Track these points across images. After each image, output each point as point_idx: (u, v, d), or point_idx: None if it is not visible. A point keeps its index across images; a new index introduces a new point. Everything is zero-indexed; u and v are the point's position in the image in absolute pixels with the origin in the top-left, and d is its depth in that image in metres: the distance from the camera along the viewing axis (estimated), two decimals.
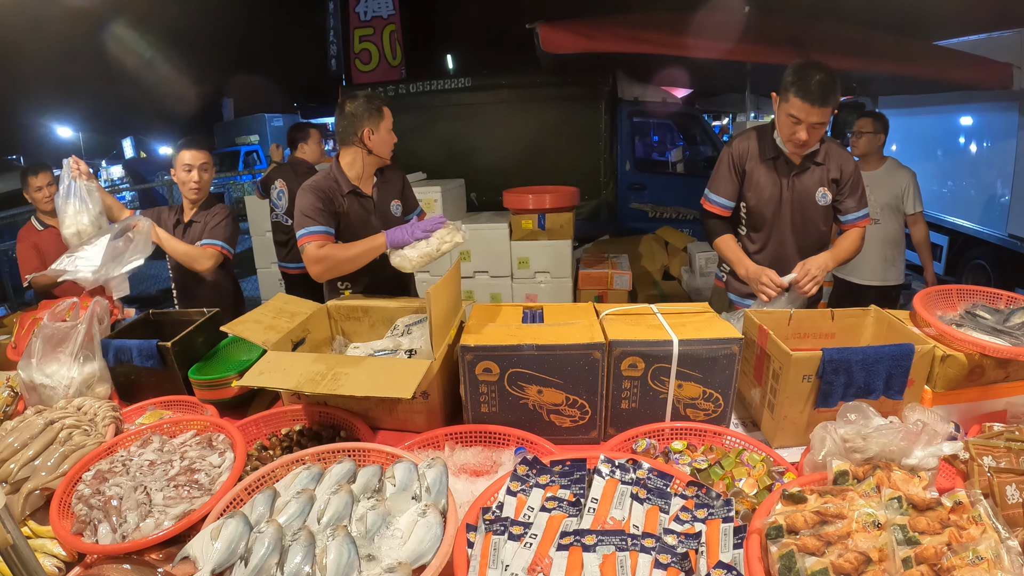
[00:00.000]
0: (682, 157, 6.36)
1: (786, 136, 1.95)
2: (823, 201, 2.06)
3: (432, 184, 4.51)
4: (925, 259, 3.54)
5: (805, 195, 2.06)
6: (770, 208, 2.09)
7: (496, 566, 0.97)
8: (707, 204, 2.19)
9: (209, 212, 2.65)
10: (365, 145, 2.07)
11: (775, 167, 2.07)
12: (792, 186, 2.06)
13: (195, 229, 2.62)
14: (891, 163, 3.48)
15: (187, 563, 1.01)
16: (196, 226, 2.63)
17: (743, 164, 2.11)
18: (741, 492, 1.19)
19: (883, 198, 3.42)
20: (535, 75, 5.06)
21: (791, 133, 1.91)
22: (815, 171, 2.04)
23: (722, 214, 2.17)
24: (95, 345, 1.85)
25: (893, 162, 3.49)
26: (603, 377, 1.45)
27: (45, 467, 1.33)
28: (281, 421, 1.63)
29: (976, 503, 0.98)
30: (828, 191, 2.05)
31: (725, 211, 2.16)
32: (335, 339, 1.93)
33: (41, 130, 20.16)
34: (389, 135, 2.11)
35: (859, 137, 3.49)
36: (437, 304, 1.43)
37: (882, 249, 3.49)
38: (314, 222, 1.99)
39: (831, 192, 2.05)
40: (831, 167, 2.04)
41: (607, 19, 3.94)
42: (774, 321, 1.66)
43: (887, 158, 3.51)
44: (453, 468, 1.34)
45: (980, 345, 1.38)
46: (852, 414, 1.18)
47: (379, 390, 1.35)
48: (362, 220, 2.12)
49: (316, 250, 1.95)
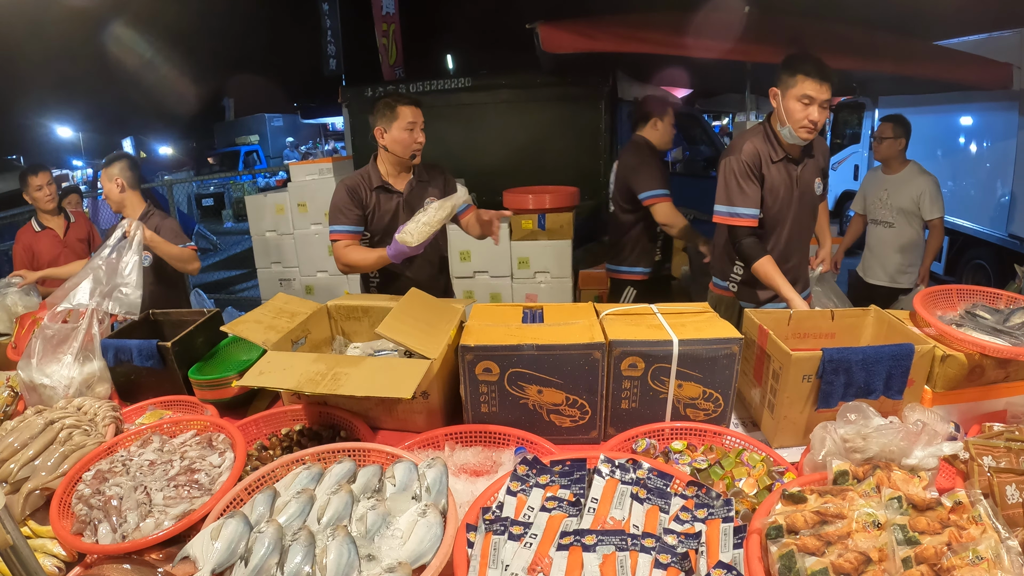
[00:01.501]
0: (682, 157, 6.35)
1: (799, 122, 1.93)
2: (819, 191, 2.09)
3: None
4: (926, 257, 3.54)
5: (807, 189, 2.08)
6: (784, 208, 2.10)
7: (496, 566, 0.97)
8: (735, 219, 2.07)
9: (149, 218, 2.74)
10: (380, 143, 2.19)
11: (785, 167, 2.08)
12: (797, 183, 2.07)
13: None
14: (912, 168, 3.45)
15: (187, 563, 1.01)
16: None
17: (759, 170, 2.06)
18: (741, 492, 1.19)
19: (900, 202, 3.41)
20: (535, 75, 5.06)
21: (805, 116, 1.91)
22: (810, 163, 2.06)
23: (753, 225, 2.07)
24: (95, 345, 1.85)
25: (915, 167, 3.46)
26: (603, 377, 1.45)
27: (45, 467, 1.33)
28: (281, 421, 1.63)
29: (976, 503, 0.98)
30: (821, 181, 2.08)
31: (755, 221, 2.07)
32: (335, 339, 1.93)
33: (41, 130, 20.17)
34: (404, 133, 2.15)
35: (880, 142, 3.47)
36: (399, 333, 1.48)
37: (895, 255, 3.48)
38: (341, 221, 2.16)
39: (823, 181, 2.09)
40: (819, 157, 2.06)
41: (607, 19, 3.94)
42: (774, 321, 1.66)
43: (909, 162, 3.48)
44: (453, 468, 1.34)
45: (980, 345, 1.38)
46: (852, 414, 1.18)
47: (379, 390, 1.35)
48: (390, 214, 2.23)
49: (340, 249, 2.16)
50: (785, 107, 1.97)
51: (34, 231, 3.49)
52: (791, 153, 2.06)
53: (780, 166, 2.07)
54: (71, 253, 3.55)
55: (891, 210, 3.46)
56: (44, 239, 3.48)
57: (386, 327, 1.47)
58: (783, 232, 2.13)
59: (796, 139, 2.00)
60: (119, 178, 2.74)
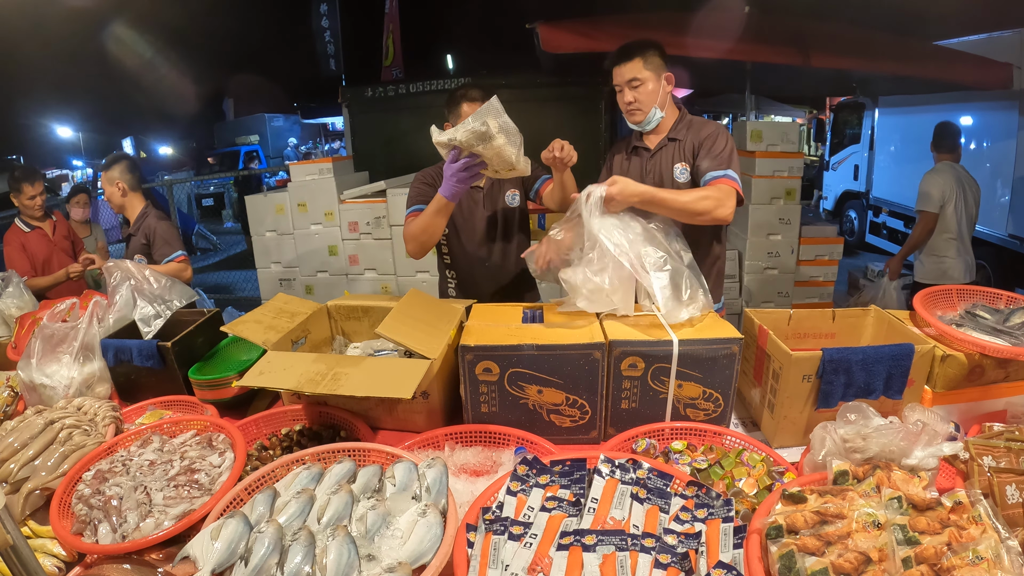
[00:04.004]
0: None
1: (623, 110, 1.96)
2: (683, 177, 1.94)
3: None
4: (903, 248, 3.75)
5: (663, 175, 1.97)
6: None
7: (496, 566, 0.97)
8: None
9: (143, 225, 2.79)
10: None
11: (638, 158, 2.05)
12: (649, 170, 2.00)
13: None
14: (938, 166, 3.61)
15: (187, 563, 1.01)
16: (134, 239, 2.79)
17: (610, 166, 2.13)
18: (741, 492, 1.19)
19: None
20: (535, 75, 5.06)
21: (623, 101, 1.93)
22: (670, 147, 1.97)
23: None
24: (95, 345, 1.85)
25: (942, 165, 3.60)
26: (603, 377, 1.45)
27: (45, 467, 1.33)
28: (281, 421, 1.63)
29: (976, 503, 0.98)
30: (687, 165, 1.94)
31: None
32: (335, 339, 1.93)
33: (41, 130, 20.15)
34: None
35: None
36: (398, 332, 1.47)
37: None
38: (411, 204, 2.07)
39: (690, 165, 1.94)
40: (687, 141, 1.95)
41: (607, 19, 3.94)
42: (774, 321, 1.66)
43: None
44: (453, 468, 1.34)
45: (980, 345, 1.38)
46: (852, 414, 1.18)
47: (379, 390, 1.35)
48: (469, 203, 2.15)
49: (405, 228, 2.03)
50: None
51: (23, 231, 3.49)
52: (646, 143, 2.02)
53: (633, 158, 2.06)
54: (61, 251, 3.58)
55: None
56: (35, 238, 3.49)
57: (386, 327, 1.47)
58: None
59: (635, 126, 2.00)
60: (120, 181, 2.74)
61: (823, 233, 4.40)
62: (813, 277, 4.40)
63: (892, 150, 7.16)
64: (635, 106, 1.92)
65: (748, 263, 4.29)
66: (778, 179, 4.15)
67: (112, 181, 2.74)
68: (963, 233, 3.55)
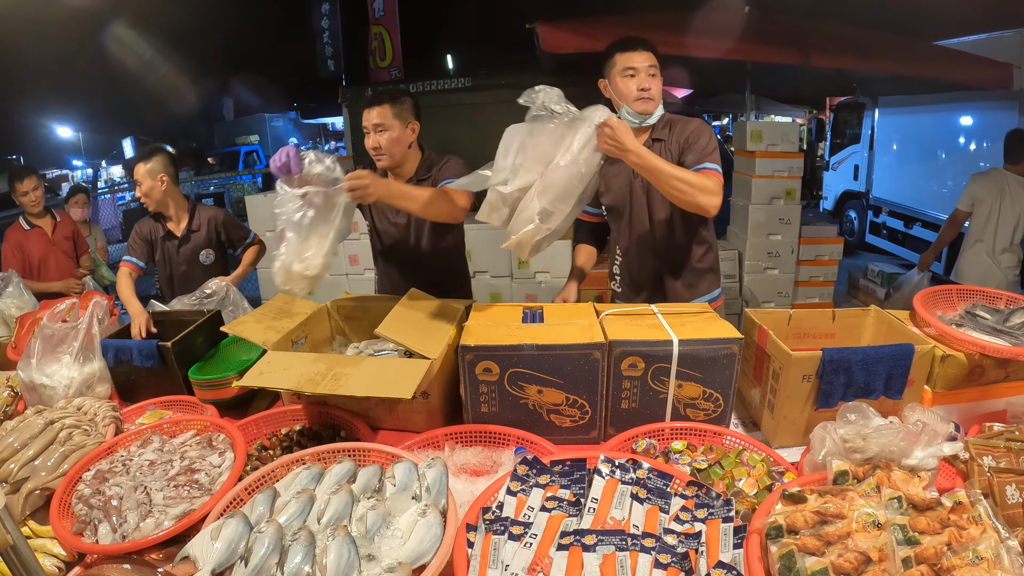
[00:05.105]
0: None
1: (632, 94, 1.84)
2: None
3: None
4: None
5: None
6: (621, 199, 2.02)
7: (496, 566, 0.97)
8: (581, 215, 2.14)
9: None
10: None
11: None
12: (636, 172, 1.91)
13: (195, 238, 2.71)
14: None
15: (187, 563, 1.01)
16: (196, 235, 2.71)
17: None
18: (741, 492, 1.19)
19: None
20: (535, 75, 5.07)
21: (635, 85, 1.83)
22: (655, 148, 1.91)
23: (590, 220, 2.21)
24: (95, 345, 1.85)
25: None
26: (603, 377, 1.45)
27: (45, 467, 1.33)
28: (281, 421, 1.63)
29: (976, 503, 0.98)
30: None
31: (592, 218, 2.20)
32: (335, 339, 1.93)
33: (41, 130, 20.16)
34: None
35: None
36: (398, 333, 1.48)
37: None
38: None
39: (687, 161, 1.89)
40: (672, 141, 1.91)
41: (607, 19, 3.95)
42: (774, 321, 1.66)
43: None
44: (453, 468, 1.34)
45: (980, 345, 1.38)
46: (852, 414, 1.18)
47: (379, 390, 1.35)
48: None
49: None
50: (616, 91, 1.89)
51: (23, 229, 3.50)
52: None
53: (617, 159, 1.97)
54: (59, 251, 3.58)
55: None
56: (33, 237, 3.49)
57: (386, 327, 1.47)
58: (627, 223, 2.05)
59: (636, 118, 1.88)
60: (163, 174, 2.47)
61: (823, 233, 4.41)
62: (813, 277, 4.41)
63: (892, 150, 7.16)
64: (650, 94, 1.85)
65: (748, 263, 4.30)
66: (778, 179, 4.15)
67: (154, 174, 2.45)
68: (992, 237, 3.53)
